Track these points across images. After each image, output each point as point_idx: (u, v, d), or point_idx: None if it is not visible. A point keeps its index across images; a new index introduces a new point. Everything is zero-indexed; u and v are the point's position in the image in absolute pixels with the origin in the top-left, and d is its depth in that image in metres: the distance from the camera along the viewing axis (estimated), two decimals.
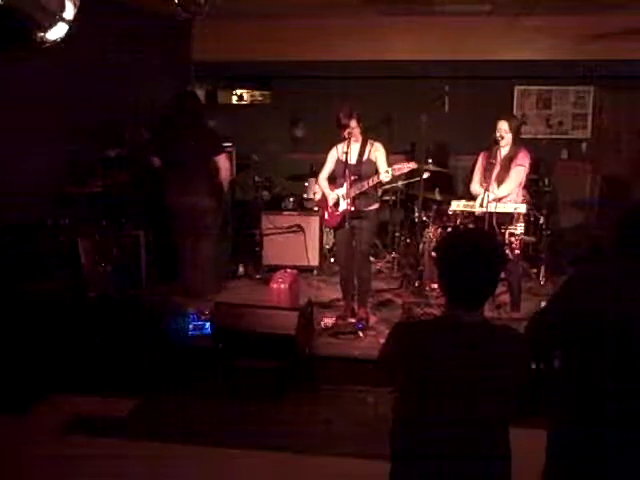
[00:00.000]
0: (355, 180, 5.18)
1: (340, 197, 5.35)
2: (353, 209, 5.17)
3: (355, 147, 5.27)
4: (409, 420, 2.11)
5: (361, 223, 5.30)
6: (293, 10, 7.01)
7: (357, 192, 5.18)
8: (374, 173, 5.18)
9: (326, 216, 5.55)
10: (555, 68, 7.35)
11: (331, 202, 5.44)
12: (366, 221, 5.32)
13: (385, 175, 5.07)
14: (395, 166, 5.10)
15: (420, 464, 2.08)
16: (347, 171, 5.13)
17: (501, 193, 5.21)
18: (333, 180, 5.52)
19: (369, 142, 5.31)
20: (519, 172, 5.26)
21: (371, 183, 5.15)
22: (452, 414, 2.03)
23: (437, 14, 6.99)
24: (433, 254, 5.52)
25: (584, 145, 7.97)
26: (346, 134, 5.11)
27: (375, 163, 5.25)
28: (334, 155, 5.43)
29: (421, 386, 2.07)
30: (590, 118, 7.93)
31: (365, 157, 5.28)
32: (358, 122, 5.17)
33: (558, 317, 2.27)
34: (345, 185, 5.20)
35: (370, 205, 5.34)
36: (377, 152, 5.28)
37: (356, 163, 5.24)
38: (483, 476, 2.05)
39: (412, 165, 5.16)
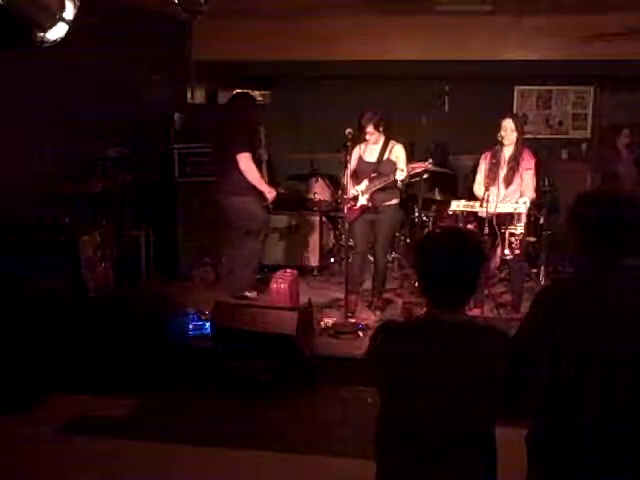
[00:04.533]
0: (375, 177, 5.41)
1: (359, 193, 5.49)
2: (371, 204, 5.43)
3: (376, 147, 5.51)
4: (393, 421, 2.11)
5: (379, 217, 5.53)
6: (293, 10, 7.00)
7: (374, 188, 5.39)
8: (394, 172, 5.35)
9: (346, 210, 5.64)
10: (555, 68, 7.35)
11: (350, 196, 5.53)
12: (384, 215, 5.54)
13: (400, 174, 5.25)
14: (411, 165, 5.35)
15: (404, 465, 2.07)
16: (347, 171, 5.24)
17: (528, 199, 5.26)
18: (355, 177, 5.67)
19: (390, 143, 5.51)
20: (531, 176, 5.29)
21: (386, 181, 5.34)
22: (435, 414, 2.02)
23: (437, 14, 6.98)
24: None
25: (584, 145, 7.97)
26: (367, 135, 5.37)
27: (395, 163, 5.44)
28: (356, 153, 5.60)
29: (404, 387, 2.06)
30: (590, 118, 7.92)
31: (385, 157, 5.49)
32: (376, 127, 5.38)
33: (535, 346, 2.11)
34: (365, 181, 5.45)
35: (389, 200, 5.53)
36: (397, 153, 5.51)
37: (376, 162, 5.48)
38: (468, 476, 2.04)
39: (427, 165, 5.47)
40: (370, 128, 5.35)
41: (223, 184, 5.84)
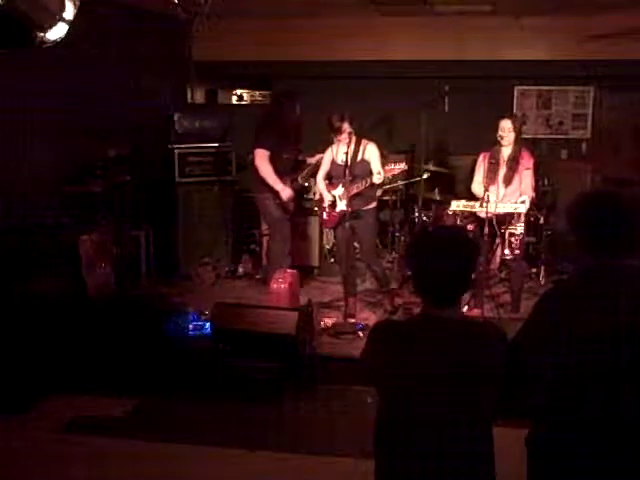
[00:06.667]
0: (350, 180, 5.23)
1: (337, 198, 5.41)
2: (350, 210, 5.24)
3: (348, 148, 5.32)
4: (391, 419, 2.11)
5: (359, 222, 5.38)
6: (293, 10, 7.01)
7: (352, 193, 5.25)
8: (369, 173, 5.26)
9: (325, 216, 5.61)
10: (555, 68, 7.35)
11: (327, 203, 5.50)
12: (364, 220, 5.41)
13: (377, 177, 5.18)
14: (386, 167, 5.23)
15: (403, 463, 2.07)
16: (347, 171, 5.18)
17: (527, 197, 5.24)
18: (330, 180, 5.61)
19: (362, 142, 5.37)
20: (530, 176, 5.30)
21: (364, 185, 5.24)
22: (432, 412, 2.02)
23: (437, 14, 6.99)
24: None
25: (584, 145, 7.97)
26: (342, 137, 5.23)
27: (369, 163, 5.33)
28: (329, 156, 5.50)
29: (401, 385, 2.07)
30: (590, 118, 7.93)
31: (359, 157, 5.34)
32: (350, 124, 5.23)
33: (537, 344, 2.11)
34: (340, 186, 5.31)
35: (367, 204, 5.42)
36: (371, 152, 5.35)
37: (351, 163, 5.28)
38: (466, 474, 2.04)
39: (403, 166, 5.30)
40: (346, 125, 5.20)
41: (252, 180, 6.11)
